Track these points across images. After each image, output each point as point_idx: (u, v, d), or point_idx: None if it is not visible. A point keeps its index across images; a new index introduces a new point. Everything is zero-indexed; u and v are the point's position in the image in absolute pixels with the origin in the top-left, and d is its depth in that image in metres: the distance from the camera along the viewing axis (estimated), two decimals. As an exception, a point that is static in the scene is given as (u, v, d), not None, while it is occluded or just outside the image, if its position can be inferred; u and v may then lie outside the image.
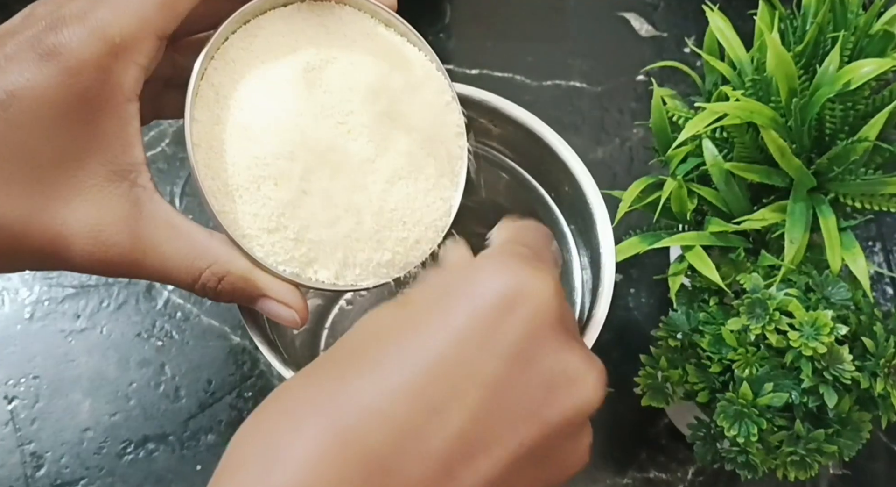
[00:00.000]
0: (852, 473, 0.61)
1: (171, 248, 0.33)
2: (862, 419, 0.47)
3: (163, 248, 0.33)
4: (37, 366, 0.60)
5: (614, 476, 0.60)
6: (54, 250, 0.31)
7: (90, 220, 0.31)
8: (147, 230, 0.32)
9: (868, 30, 0.50)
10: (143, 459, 0.57)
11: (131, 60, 0.31)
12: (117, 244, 0.32)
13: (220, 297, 0.35)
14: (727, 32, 0.55)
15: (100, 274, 0.33)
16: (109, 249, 0.32)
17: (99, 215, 0.31)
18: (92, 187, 0.31)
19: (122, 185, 0.32)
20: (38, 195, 0.30)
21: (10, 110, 0.29)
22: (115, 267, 0.32)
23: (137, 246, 0.32)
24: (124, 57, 0.30)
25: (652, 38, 0.80)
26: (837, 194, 0.50)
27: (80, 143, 0.30)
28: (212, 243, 0.34)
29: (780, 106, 0.49)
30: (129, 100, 0.31)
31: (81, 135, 0.30)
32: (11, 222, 0.30)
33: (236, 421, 0.59)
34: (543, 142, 0.49)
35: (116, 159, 0.31)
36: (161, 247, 0.33)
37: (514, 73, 0.77)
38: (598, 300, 0.45)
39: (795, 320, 0.46)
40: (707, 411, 0.50)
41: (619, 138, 0.74)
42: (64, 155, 0.30)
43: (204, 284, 0.34)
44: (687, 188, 0.52)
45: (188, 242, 0.33)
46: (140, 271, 0.33)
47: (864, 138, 0.47)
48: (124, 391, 0.60)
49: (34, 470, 0.56)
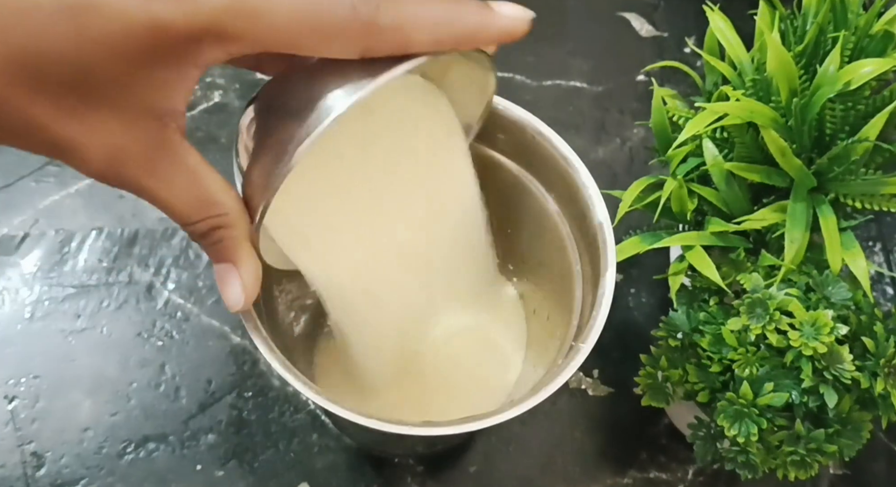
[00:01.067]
0: (852, 473, 0.61)
1: (184, 187, 0.33)
2: (862, 419, 0.47)
3: (175, 184, 0.33)
4: (37, 366, 0.60)
5: (614, 476, 0.60)
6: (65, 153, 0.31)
7: (112, 139, 0.31)
8: (164, 166, 0.32)
9: (868, 30, 0.50)
10: (143, 459, 0.58)
11: (225, 48, 0.30)
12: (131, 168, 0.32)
13: (203, 242, 0.35)
14: (727, 32, 0.55)
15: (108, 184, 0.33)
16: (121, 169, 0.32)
17: (121, 138, 0.31)
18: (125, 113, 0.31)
19: (154, 123, 0.32)
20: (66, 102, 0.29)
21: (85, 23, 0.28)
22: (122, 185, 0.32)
23: (150, 176, 0.32)
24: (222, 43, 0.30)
25: (652, 39, 0.81)
26: (838, 194, 0.50)
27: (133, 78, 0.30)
28: (227, 196, 0.34)
29: (781, 106, 0.50)
30: (200, 68, 0.31)
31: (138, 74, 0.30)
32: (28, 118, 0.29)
33: (237, 421, 0.59)
34: (544, 142, 0.49)
35: (159, 103, 0.31)
36: (173, 184, 0.33)
37: (514, 73, 0.77)
38: (598, 300, 0.45)
39: (796, 319, 0.46)
40: (707, 411, 0.50)
41: (620, 138, 0.75)
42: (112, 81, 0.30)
43: (196, 229, 0.34)
44: (687, 188, 0.53)
45: (203, 187, 0.33)
46: (144, 197, 0.33)
47: (865, 138, 0.47)
48: (124, 391, 0.60)
49: (34, 470, 0.56)
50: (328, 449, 0.59)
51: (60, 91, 0.29)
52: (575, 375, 0.58)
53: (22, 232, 0.65)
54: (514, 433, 0.61)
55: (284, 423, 0.59)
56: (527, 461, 0.60)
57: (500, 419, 0.40)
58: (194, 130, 0.70)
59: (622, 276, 0.67)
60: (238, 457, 0.58)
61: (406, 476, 0.58)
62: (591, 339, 0.43)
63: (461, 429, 0.40)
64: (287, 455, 0.58)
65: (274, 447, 0.59)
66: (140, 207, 0.66)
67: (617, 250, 0.47)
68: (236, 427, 0.59)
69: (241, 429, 0.59)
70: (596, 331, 0.44)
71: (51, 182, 0.67)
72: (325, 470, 0.58)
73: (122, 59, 0.29)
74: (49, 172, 0.67)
